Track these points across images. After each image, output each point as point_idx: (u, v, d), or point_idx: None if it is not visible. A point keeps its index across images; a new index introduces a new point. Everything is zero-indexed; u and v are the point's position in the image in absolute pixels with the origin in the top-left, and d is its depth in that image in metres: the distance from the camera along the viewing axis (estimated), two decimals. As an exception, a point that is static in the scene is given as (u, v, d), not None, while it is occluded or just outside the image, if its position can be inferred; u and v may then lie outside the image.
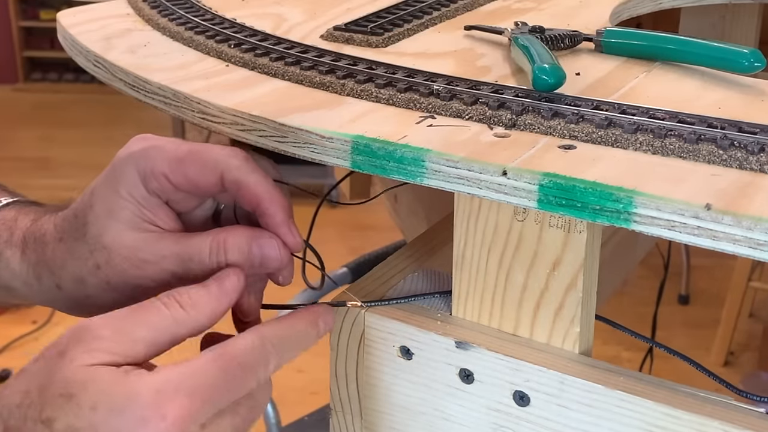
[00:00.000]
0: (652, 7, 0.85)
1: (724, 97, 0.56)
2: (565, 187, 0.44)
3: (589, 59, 0.64)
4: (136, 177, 0.51)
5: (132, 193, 0.51)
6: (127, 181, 0.51)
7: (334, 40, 0.68)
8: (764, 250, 0.40)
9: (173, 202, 0.52)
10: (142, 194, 0.51)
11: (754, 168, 0.46)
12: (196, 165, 0.51)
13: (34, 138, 4.06)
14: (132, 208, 0.51)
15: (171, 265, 0.51)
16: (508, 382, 0.51)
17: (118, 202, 0.51)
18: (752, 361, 2.39)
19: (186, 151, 0.51)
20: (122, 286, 0.52)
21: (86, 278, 0.52)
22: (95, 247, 0.51)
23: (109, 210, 0.51)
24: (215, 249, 0.50)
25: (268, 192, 0.51)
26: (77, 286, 0.53)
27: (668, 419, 0.47)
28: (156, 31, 0.72)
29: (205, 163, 0.51)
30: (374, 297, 0.57)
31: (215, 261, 0.50)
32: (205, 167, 0.50)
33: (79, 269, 0.52)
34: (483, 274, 0.53)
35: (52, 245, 0.53)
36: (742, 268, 2.28)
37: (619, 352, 2.27)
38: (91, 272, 0.52)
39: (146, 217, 0.51)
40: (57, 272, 0.53)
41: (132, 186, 0.51)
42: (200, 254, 0.50)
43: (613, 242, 0.84)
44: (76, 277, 0.52)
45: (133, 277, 0.51)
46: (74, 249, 0.52)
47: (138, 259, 0.51)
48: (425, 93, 0.55)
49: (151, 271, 0.51)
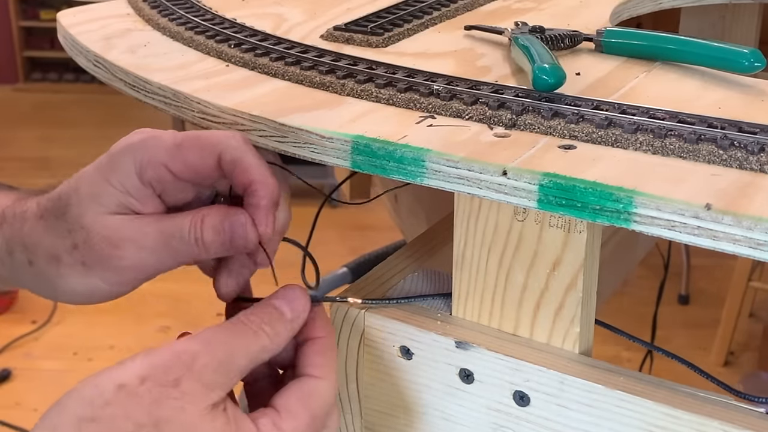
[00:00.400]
0: (652, 7, 0.85)
1: (724, 97, 0.56)
2: (565, 187, 0.44)
3: (589, 59, 0.64)
4: (131, 167, 0.51)
5: (123, 182, 0.51)
6: (121, 170, 0.51)
7: (334, 40, 0.68)
8: (764, 250, 0.40)
9: (167, 193, 0.52)
10: (135, 184, 0.51)
11: (754, 168, 0.46)
12: (195, 149, 0.51)
13: (34, 138, 4.06)
14: (119, 196, 0.51)
15: (151, 243, 0.51)
16: (508, 382, 0.51)
17: (107, 189, 0.51)
18: (752, 361, 2.39)
19: (184, 137, 0.51)
20: (97, 268, 0.51)
21: (61, 256, 0.52)
22: (74, 227, 0.51)
23: (94, 194, 0.51)
24: (194, 225, 0.50)
25: (262, 174, 0.50)
26: (50, 265, 0.52)
27: (668, 419, 0.47)
28: (156, 31, 0.72)
29: (203, 146, 0.50)
30: (374, 297, 0.57)
31: (193, 237, 0.50)
32: (204, 150, 0.50)
33: (55, 247, 0.52)
34: (483, 274, 0.53)
35: (31, 222, 0.53)
36: (742, 268, 2.28)
37: (619, 352, 2.27)
38: (67, 251, 0.51)
39: (131, 205, 0.51)
40: (31, 248, 0.53)
41: (125, 176, 0.51)
42: (181, 231, 0.50)
43: (613, 242, 0.84)
44: (51, 254, 0.52)
45: (108, 257, 0.51)
46: (53, 227, 0.52)
47: (118, 237, 0.51)
48: (425, 93, 0.55)
49: (129, 250, 0.51)
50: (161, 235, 0.50)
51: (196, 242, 0.50)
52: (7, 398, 2.27)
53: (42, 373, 2.36)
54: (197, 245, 0.50)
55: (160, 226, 0.51)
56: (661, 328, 1.46)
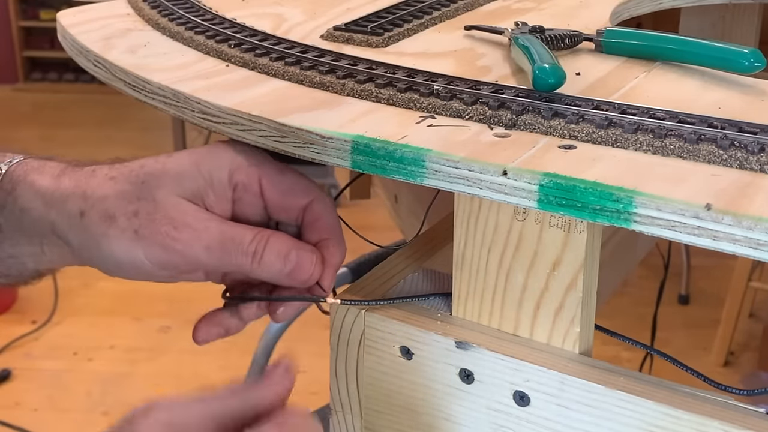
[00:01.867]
0: (652, 7, 0.85)
1: (724, 97, 0.56)
2: (565, 187, 0.44)
3: (590, 59, 0.64)
4: (226, 162, 0.53)
5: (212, 173, 0.53)
6: (216, 161, 0.53)
7: (334, 40, 0.68)
8: (764, 250, 0.40)
9: (241, 203, 0.54)
10: (221, 179, 0.53)
11: (755, 168, 0.46)
12: (294, 182, 0.54)
13: (34, 138, 4.06)
14: (201, 184, 0.53)
15: (208, 239, 0.51)
16: (508, 382, 0.51)
17: (193, 173, 0.53)
18: (752, 361, 2.39)
19: (288, 168, 0.55)
20: (147, 241, 0.51)
21: (117, 218, 0.52)
22: (145, 196, 0.52)
23: (179, 174, 0.53)
24: (257, 239, 0.52)
25: (338, 237, 0.55)
26: (102, 221, 0.52)
27: (668, 419, 0.47)
28: (156, 31, 0.72)
29: (302, 185, 0.54)
30: (374, 297, 0.57)
31: (252, 249, 0.51)
32: (299, 187, 0.54)
33: (115, 207, 0.52)
34: (483, 274, 0.53)
35: (100, 179, 0.54)
36: (742, 268, 2.28)
37: (619, 352, 2.27)
38: (126, 215, 0.52)
39: (207, 198, 0.53)
40: (90, 200, 0.53)
41: (217, 167, 0.53)
42: (242, 238, 0.52)
43: (613, 242, 0.84)
44: (108, 213, 0.52)
45: (164, 235, 0.51)
46: (123, 190, 0.53)
47: (181, 220, 0.51)
48: (425, 93, 0.55)
49: (186, 235, 0.51)
50: (221, 235, 0.52)
51: (252, 255, 0.52)
52: (7, 398, 2.27)
53: (42, 373, 2.36)
54: (252, 258, 0.52)
55: (224, 227, 0.52)
56: (661, 328, 1.46)
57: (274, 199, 0.54)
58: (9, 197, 0.55)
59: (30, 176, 0.55)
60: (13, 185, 0.55)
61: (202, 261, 0.52)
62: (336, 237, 0.55)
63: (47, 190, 0.54)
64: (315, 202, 0.54)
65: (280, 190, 0.54)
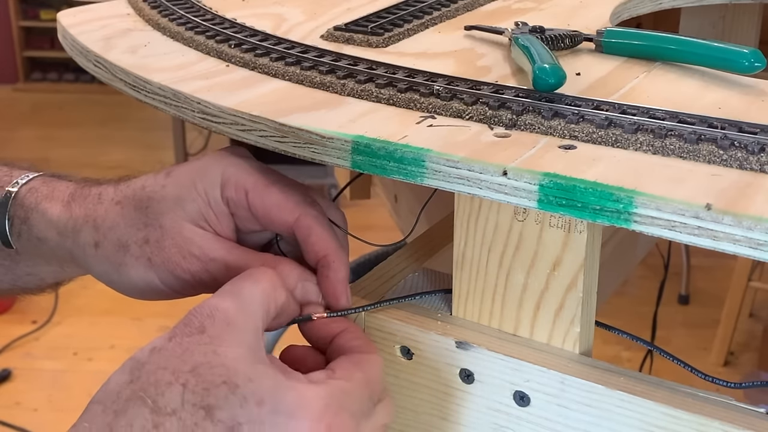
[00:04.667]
0: (652, 7, 0.85)
1: (725, 97, 0.56)
2: (565, 187, 0.44)
3: (590, 59, 0.64)
4: (217, 178, 0.53)
5: (207, 191, 0.53)
6: (208, 178, 0.53)
7: (335, 40, 0.68)
8: (764, 250, 0.40)
9: (239, 217, 0.54)
10: (215, 196, 0.53)
11: (755, 168, 0.46)
12: (278, 197, 0.53)
13: (34, 138, 4.06)
14: (201, 204, 0.53)
15: (215, 269, 0.52)
16: (508, 382, 0.51)
17: (191, 194, 0.53)
18: (752, 361, 2.39)
19: (275, 181, 0.54)
20: (160, 269, 0.52)
21: (130, 247, 0.53)
22: (152, 223, 0.53)
23: (180, 198, 0.53)
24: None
25: (335, 247, 0.53)
26: (117, 252, 0.53)
27: (668, 419, 0.47)
28: (156, 31, 0.72)
29: (287, 199, 0.53)
30: (374, 297, 0.57)
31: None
32: (286, 203, 0.53)
33: (127, 236, 0.53)
34: (483, 274, 0.53)
35: (106, 205, 0.54)
36: (742, 268, 2.28)
37: (619, 352, 2.27)
38: (138, 243, 0.53)
39: (209, 218, 0.53)
40: (102, 230, 0.54)
41: (210, 185, 0.53)
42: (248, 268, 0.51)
43: (613, 242, 0.84)
44: (121, 241, 0.53)
45: (174, 264, 0.52)
46: (130, 216, 0.53)
47: (188, 251, 0.52)
48: (425, 93, 0.55)
49: (194, 266, 0.52)
50: (226, 269, 0.52)
51: None
52: (7, 398, 2.27)
53: (42, 373, 2.37)
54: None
55: (230, 257, 0.52)
56: (661, 328, 1.46)
57: (260, 214, 0.54)
58: (24, 226, 0.56)
59: (42, 205, 0.56)
60: (26, 213, 0.56)
61: (212, 285, 0.52)
62: (334, 251, 0.53)
63: (59, 220, 0.55)
64: (302, 218, 0.53)
65: (265, 206, 0.53)
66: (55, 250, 0.56)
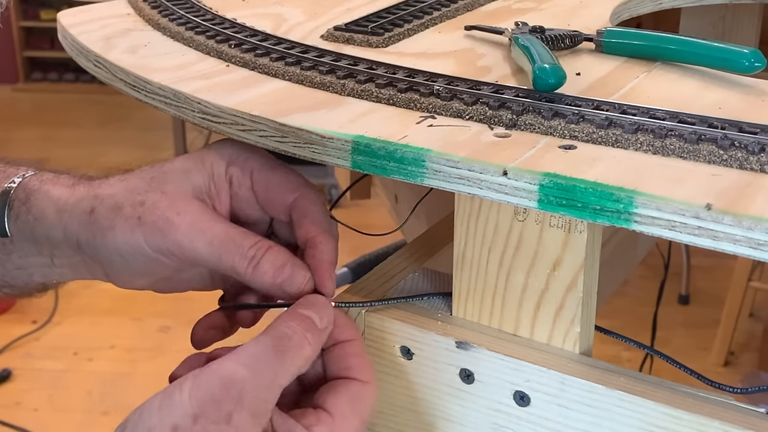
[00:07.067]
0: (652, 7, 0.85)
1: (725, 97, 0.56)
2: (565, 187, 0.44)
3: (590, 59, 0.64)
4: (226, 155, 0.56)
5: (213, 165, 0.55)
6: (216, 154, 0.56)
7: (335, 40, 0.68)
8: (764, 250, 0.40)
9: (237, 198, 0.56)
10: (219, 172, 0.55)
11: (755, 168, 0.46)
12: (282, 177, 0.55)
13: (34, 138, 4.06)
14: (205, 177, 0.55)
15: (211, 235, 0.52)
16: (508, 382, 0.51)
17: (198, 166, 0.55)
18: (752, 361, 2.39)
19: (280, 164, 0.56)
20: (149, 227, 0.53)
21: (123, 207, 0.53)
22: (153, 189, 0.54)
23: (186, 169, 0.55)
24: (258, 246, 0.53)
25: (328, 230, 0.55)
26: (108, 213, 0.54)
27: (668, 419, 0.47)
28: (156, 31, 0.72)
29: (290, 180, 0.55)
30: (374, 297, 0.57)
31: (251, 254, 0.52)
32: (288, 183, 0.55)
33: (124, 198, 0.54)
34: (483, 274, 0.53)
35: (112, 182, 0.56)
36: (742, 268, 2.28)
37: (619, 352, 2.27)
38: (132, 204, 0.53)
39: (210, 192, 0.55)
40: (100, 197, 0.55)
41: (217, 160, 0.55)
42: (243, 241, 0.53)
43: (613, 242, 0.84)
44: (117, 203, 0.54)
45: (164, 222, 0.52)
46: (132, 185, 0.54)
47: (184, 207, 0.53)
48: (426, 93, 0.55)
49: (187, 221, 0.53)
50: (224, 234, 0.53)
51: (250, 260, 0.52)
52: (7, 398, 2.27)
53: (42, 373, 2.37)
54: (249, 263, 0.52)
55: (227, 227, 0.53)
56: (661, 328, 1.46)
57: (262, 193, 0.56)
58: (23, 207, 0.56)
59: (45, 186, 0.57)
60: (27, 195, 0.57)
61: (201, 255, 0.52)
62: (325, 233, 0.54)
63: (61, 198, 0.56)
64: (301, 198, 0.55)
65: (268, 185, 0.55)
66: (49, 230, 0.55)
